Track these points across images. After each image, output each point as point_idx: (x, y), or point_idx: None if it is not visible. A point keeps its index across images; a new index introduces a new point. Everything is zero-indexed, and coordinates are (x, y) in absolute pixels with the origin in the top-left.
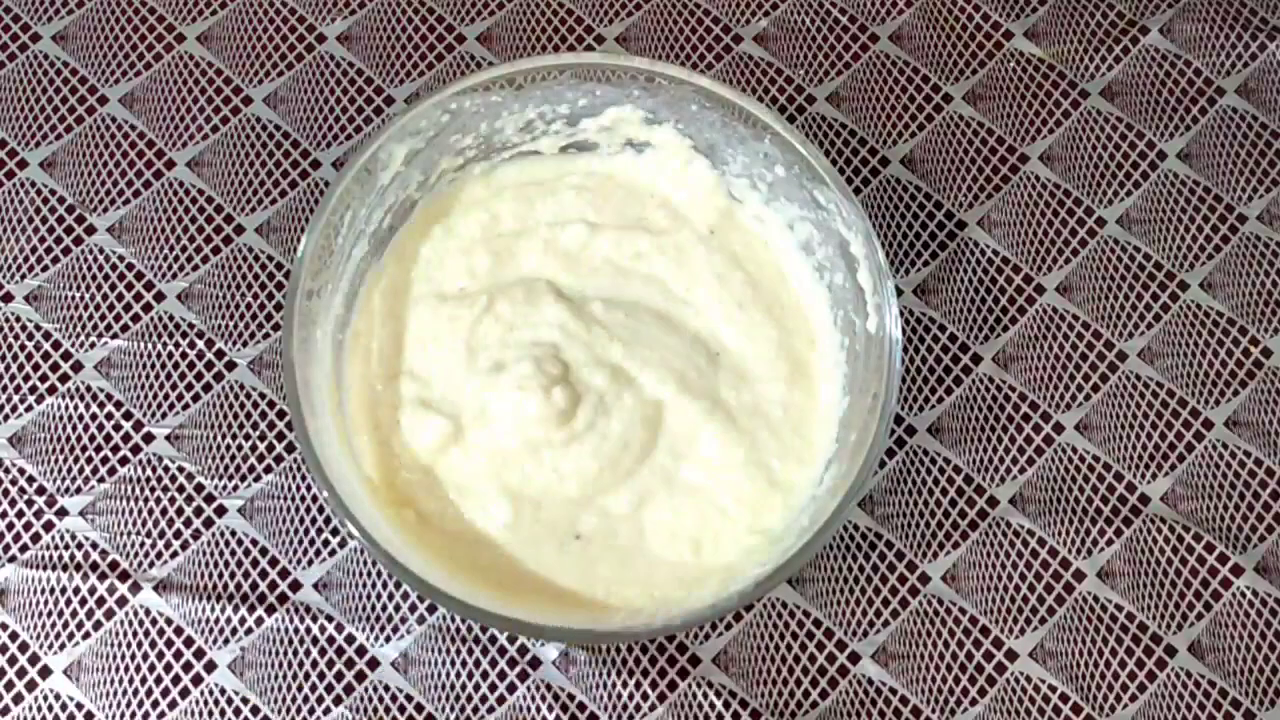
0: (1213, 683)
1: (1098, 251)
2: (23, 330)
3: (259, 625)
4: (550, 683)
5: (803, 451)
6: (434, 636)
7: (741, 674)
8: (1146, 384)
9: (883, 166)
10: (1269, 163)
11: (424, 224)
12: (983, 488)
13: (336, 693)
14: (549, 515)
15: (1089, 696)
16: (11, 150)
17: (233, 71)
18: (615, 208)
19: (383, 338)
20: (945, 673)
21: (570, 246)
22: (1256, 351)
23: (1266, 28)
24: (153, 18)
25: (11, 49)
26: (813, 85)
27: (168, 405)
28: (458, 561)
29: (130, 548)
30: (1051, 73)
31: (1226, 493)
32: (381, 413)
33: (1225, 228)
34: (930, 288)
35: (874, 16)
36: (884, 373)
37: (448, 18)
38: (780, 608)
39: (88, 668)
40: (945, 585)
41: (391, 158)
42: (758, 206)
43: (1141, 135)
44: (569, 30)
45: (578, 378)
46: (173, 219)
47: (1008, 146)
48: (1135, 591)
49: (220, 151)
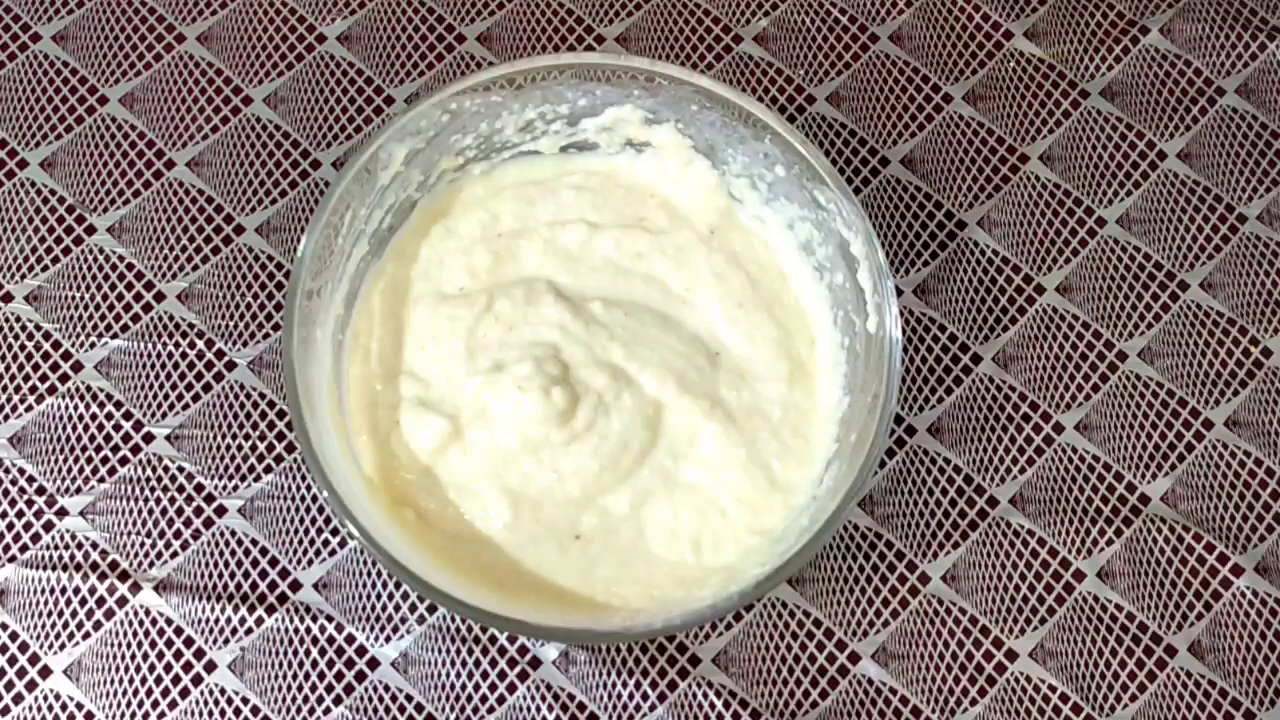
0: (1213, 683)
1: (1098, 251)
2: (23, 330)
3: (259, 625)
4: (550, 683)
5: (803, 451)
6: (434, 636)
7: (741, 674)
8: (1146, 384)
9: (883, 166)
10: (1269, 163)
11: (424, 224)
12: (983, 488)
13: (336, 693)
14: (549, 515)
15: (1089, 696)
16: (11, 150)
17: (233, 71)
18: (615, 208)
19: (382, 338)
20: (945, 673)
21: (570, 246)
22: (1256, 351)
23: (1266, 28)
24: (153, 18)
25: (11, 49)
26: (813, 85)
27: (168, 405)
28: (458, 561)
29: (130, 548)
30: (1051, 73)
31: (1226, 493)
32: (381, 413)
33: (1225, 228)
34: (930, 288)
35: (874, 16)
36: (884, 373)
37: (448, 18)
38: (780, 608)
39: (88, 668)
40: (945, 585)
41: (391, 158)
42: (758, 206)
43: (1141, 135)
44: (569, 30)
45: (577, 378)
46: (173, 219)
47: (1008, 146)
48: (1135, 591)
49: (220, 151)
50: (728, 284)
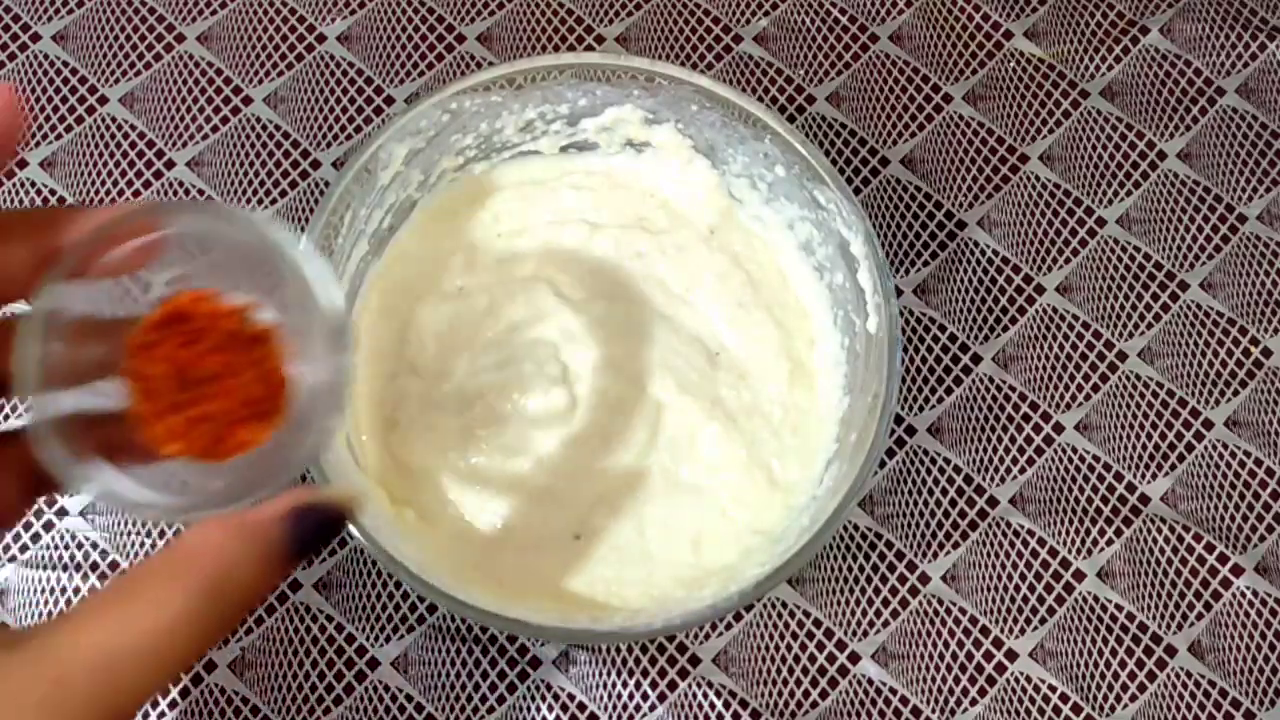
0: (1213, 683)
1: (1098, 251)
2: None
3: (259, 625)
4: (550, 683)
5: (803, 451)
6: (434, 636)
7: (741, 674)
8: (1146, 384)
9: (883, 166)
10: (1269, 163)
11: (424, 223)
12: (983, 488)
13: (337, 693)
14: (549, 515)
15: (1089, 696)
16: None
17: (233, 71)
18: (615, 207)
19: (382, 337)
20: (945, 673)
21: (570, 246)
22: (1256, 351)
23: (1266, 28)
24: (153, 18)
25: (11, 49)
26: (813, 85)
27: None
28: (458, 561)
29: (130, 548)
30: (1051, 73)
31: (1226, 493)
32: (381, 412)
33: (1225, 228)
34: (930, 288)
35: (874, 16)
36: (884, 373)
37: (448, 18)
38: (780, 608)
39: None
40: (945, 585)
41: (391, 158)
42: (758, 206)
43: (1141, 135)
44: (569, 30)
45: (577, 377)
46: None
47: (1008, 146)
48: (1135, 591)
49: (220, 151)
50: (728, 284)
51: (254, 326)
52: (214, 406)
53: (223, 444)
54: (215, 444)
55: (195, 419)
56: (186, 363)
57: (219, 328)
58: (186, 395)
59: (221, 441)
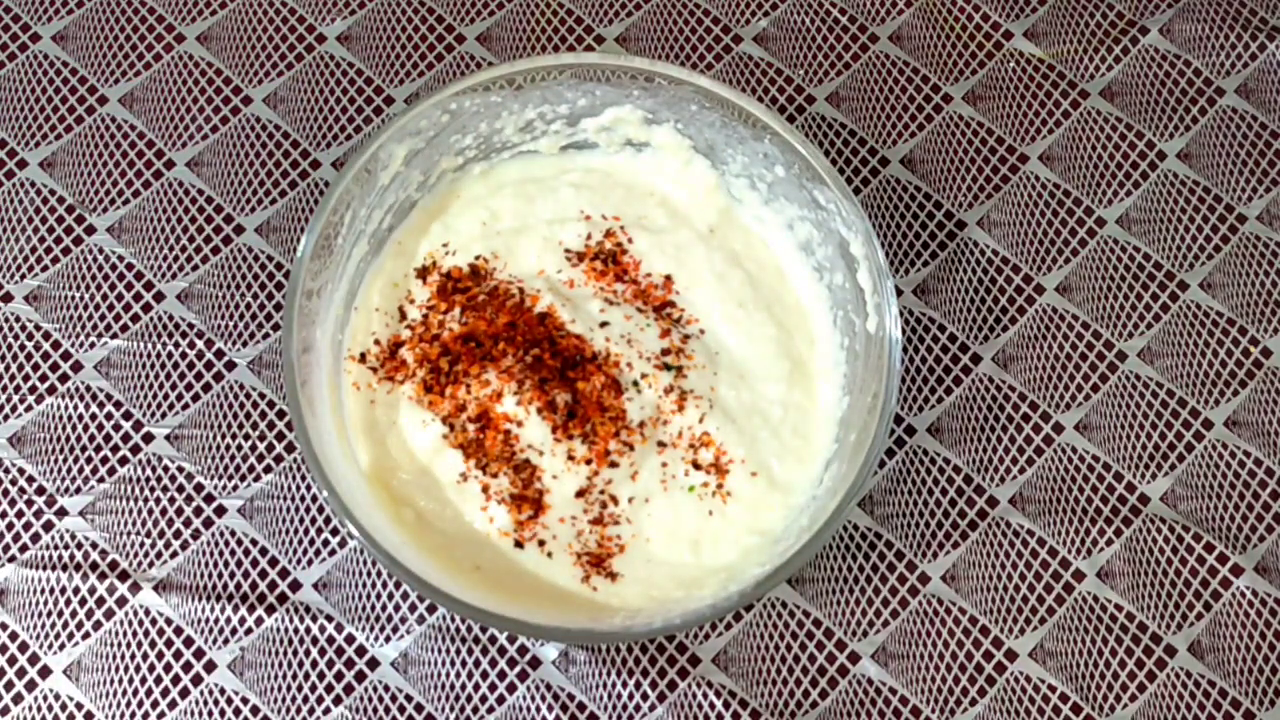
0: (1213, 683)
1: (1098, 251)
2: (22, 330)
3: (259, 625)
4: (550, 683)
5: (803, 451)
6: (434, 636)
7: (741, 674)
8: (1146, 384)
9: (883, 166)
10: (1269, 163)
11: (423, 223)
12: (983, 488)
13: (336, 693)
14: (549, 515)
15: (1089, 696)
16: (11, 150)
17: (233, 71)
18: (615, 206)
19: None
20: (945, 673)
21: (570, 244)
22: (1256, 351)
23: (1266, 28)
24: (152, 18)
25: (11, 49)
26: (813, 85)
27: (168, 405)
28: (458, 561)
29: (130, 548)
30: (1051, 73)
31: (1226, 493)
32: (381, 412)
33: (1225, 228)
34: (930, 288)
35: (874, 16)
36: (884, 373)
37: (448, 18)
38: (780, 608)
39: (88, 668)
40: (945, 585)
41: (391, 158)
42: (758, 206)
43: (1141, 135)
44: (569, 30)
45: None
46: (173, 219)
47: (1007, 146)
48: (1135, 591)
49: (220, 151)
50: (727, 283)
51: None
52: None
53: None
54: None
55: None
56: None
57: None
58: None
59: None
